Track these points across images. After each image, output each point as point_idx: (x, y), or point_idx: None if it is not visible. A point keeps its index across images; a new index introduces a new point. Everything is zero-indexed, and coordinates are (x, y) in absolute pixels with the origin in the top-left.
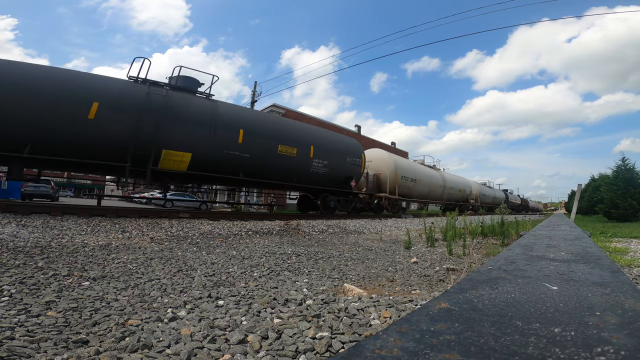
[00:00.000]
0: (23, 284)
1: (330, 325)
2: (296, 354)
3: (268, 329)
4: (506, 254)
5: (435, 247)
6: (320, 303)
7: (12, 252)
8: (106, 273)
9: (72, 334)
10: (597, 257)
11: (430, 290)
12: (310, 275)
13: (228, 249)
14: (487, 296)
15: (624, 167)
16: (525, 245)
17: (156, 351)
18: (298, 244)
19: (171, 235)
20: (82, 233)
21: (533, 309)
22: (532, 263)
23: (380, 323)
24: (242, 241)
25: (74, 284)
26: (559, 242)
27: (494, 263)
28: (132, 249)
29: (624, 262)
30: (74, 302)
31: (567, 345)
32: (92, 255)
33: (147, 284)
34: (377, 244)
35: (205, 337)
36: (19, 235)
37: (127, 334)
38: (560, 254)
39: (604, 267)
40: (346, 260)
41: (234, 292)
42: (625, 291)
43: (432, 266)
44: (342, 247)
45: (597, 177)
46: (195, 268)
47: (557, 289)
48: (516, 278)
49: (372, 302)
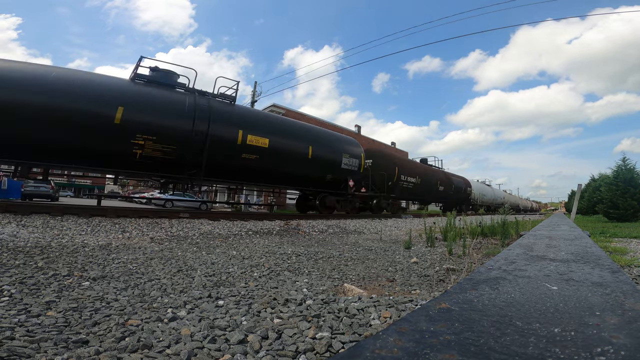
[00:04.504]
0: (23, 284)
1: (331, 325)
2: (296, 354)
3: (268, 329)
4: (506, 254)
5: (435, 247)
6: (321, 303)
7: (12, 252)
8: (106, 273)
9: (72, 334)
10: (597, 257)
11: (430, 290)
12: (310, 275)
13: (228, 249)
14: (487, 296)
15: (624, 167)
16: (525, 245)
17: (156, 351)
18: (298, 244)
19: (171, 235)
20: (82, 233)
21: (533, 309)
22: (532, 263)
23: (380, 323)
24: (242, 241)
25: (74, 284)
26: (559, 242)
27: (494, 263)
28: (132, 249)
29: (623, 262)
30: (74, 302)
31: (567, 345)
32: (92, 255)
33: (147, 284)
34: (377, 244)
35: (205, 337)
36: (19, 235)
37: (127, 334)
38: (560, 254)
39: (604, 267)
40: (346, 260)
41: (234, 292)
42: (625, 291)
43: (432, 266)
44: (342, 247)
45: (597, 177)
46: (195, 268)
47: (557, 289)
48: (516, 278)
49: (372, 302)
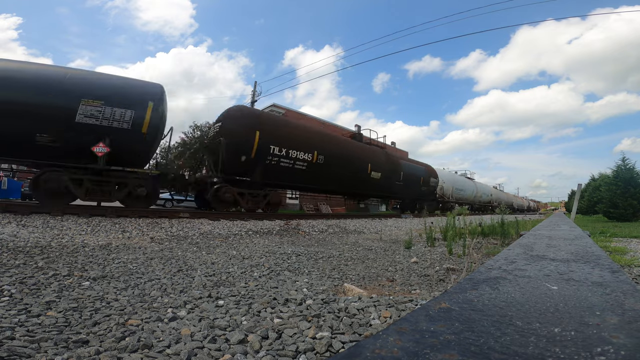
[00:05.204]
0: (23, 284)
1: (331, 325)
2: (296, 354)
3: (268, 328)
4: (506, 253)
5: (435, 247)
6: (321, 303)
7: (12, 252)
8: (106, 273)
9: (73, 334)
10: (597, 256)
11: (430, 290)
12: (310, 275)
13: (228, 249)
14: (487, 296)
15: (624, 167)
16: (525, 245)
17: (156, 351)
18: (298, 244)
19: (171, 235)
20: (82, 233)
21: (533, 309)
22: (532, 263)
23: (380, 323)
24: (242, 241)
25: (74, 284)
26: (559, 242)
27: (494, 263)
28: (132, 249)
29: (623, 262)
30: (74, 302)
31: (567, 345)
32: (92, 255)
33: (147, 284)
34: (377, 243)
35: (206, 337)
36: (19, 235)
37: (127, 334)
38: (560, 253)
39: (604, 267)
40: (346, 260)
41: (234, 292)
42: (625, 291)
43: (432, 266)
44: (342, 246)
45: (597, 177)
46: (195, 268)
47: (557, 288)
48: (516, 278)
49: (372, 302)
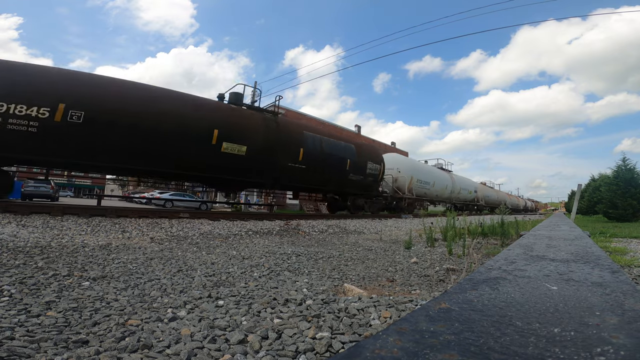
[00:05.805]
0: (23, 284)
1: (330, 325)
2: (296, 354)
3: (268, 329)
4: (506, 254)
5: (435, 247)
6: (321, 303)
7: (12, 252)
8: (106, 273)
9: (72, 334)
10: (597, 257)
11: (430, 291)
12: (310, 275)
13: (228, 249)
14: (487, 296)
15: (624, 167)
16: (525, 245)
17: (156, 351)
18: (298, 244)
19: (171, 235)
20: (82, 233)
21: (533, 309)
22: (532, 263)
23: (380, 323)
24: (242, 241)
25: (74, 284)
26: (558, 242)
27: (494, 263)
28: (132, 249)
29: (623, 262)
30: (74, 302)
31: (567, 345)
32: (92, 255)
33: (147, 284)
34: (377, 244)
35: (205, 337)
36: (19, 235)
37: (127, 334)
38: (560, 253)
39: (603, 267)
40: (346, 260)
41: (234, 292)
42: (625, 291)
43: (432, 266)
44: (342, 247)
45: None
46: (195, 268)
47: (557, 289)
48: (516, 278)
49: (372, 302)
